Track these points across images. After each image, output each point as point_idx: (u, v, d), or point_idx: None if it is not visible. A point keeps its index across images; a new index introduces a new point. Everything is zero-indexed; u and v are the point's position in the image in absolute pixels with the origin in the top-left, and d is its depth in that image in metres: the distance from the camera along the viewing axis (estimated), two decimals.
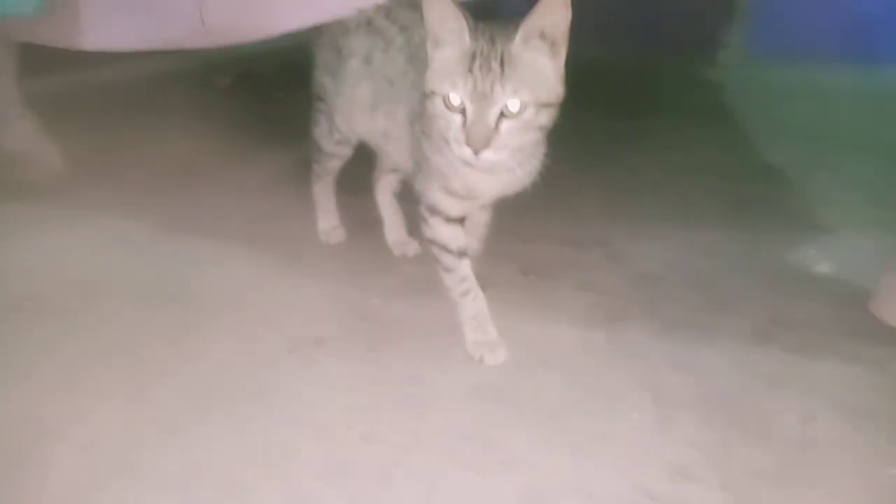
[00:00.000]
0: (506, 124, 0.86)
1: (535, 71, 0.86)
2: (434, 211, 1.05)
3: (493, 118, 0.85)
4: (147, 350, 1.10)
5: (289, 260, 1.38)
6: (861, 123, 2.32)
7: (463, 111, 0.86)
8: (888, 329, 1.22)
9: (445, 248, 1.08)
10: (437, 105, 0.88)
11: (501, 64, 0.84)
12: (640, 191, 1.82)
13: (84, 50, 1.43)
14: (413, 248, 1.41)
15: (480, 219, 1.19)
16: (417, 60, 1.03)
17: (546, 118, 0.88)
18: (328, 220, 1.45)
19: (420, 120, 1.02)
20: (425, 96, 0.91)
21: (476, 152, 0.85)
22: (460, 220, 1.08)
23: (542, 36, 0.85)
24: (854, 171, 1.93)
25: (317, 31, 1.29)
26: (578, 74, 0.95)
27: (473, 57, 0.84)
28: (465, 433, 0.95)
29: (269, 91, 2.53)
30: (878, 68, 2.89)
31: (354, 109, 1.22)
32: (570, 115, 0.95)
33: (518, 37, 0.85)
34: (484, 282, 1.14)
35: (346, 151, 1.35)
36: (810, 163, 2.05)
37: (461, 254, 1.09)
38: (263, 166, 1.88)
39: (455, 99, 0.86)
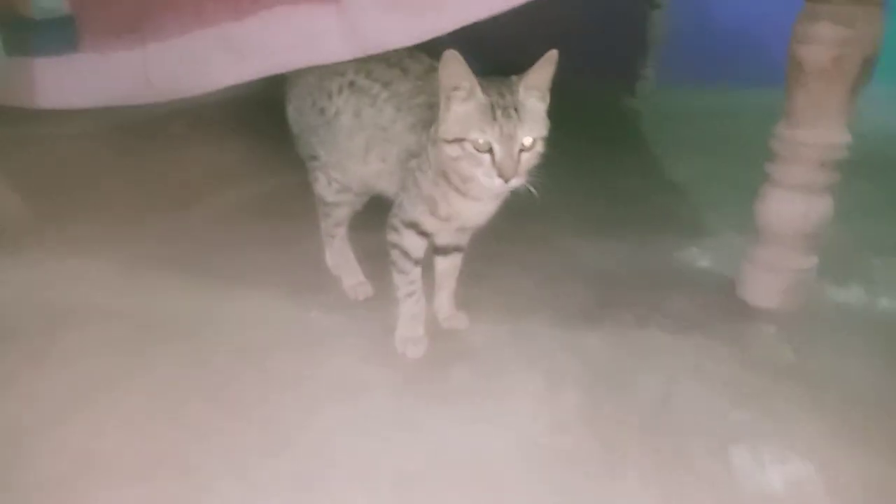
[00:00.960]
0: (525, 156, 1.08)
1: (535, 113, 1.09)
2: (411, 225, 1.24)
3: (516, 153, 1.06)
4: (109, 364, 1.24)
5: (235, 288, 1.53)
6: (756, 138, 2.61)
7: (490, 151, 1.06)
8: (750, 309, 1.45)
9: (407, 255, 1.26)
10: (465, 149, 1.07)
11: (517, 111, 1.06)
12: (558, 203, 2.04)
13: (38, 107, 1.58)
14: (367, 289, 1.52)
15: (456, 262, 1.37)
16: (405, 109, 1.23)
17: (543, 147, 1.12)
18: (353, 277, 1.53)
19: (416, 157, 1.21)
20: (443, 143, 1.09)
21: (507, 181, 1.06)
22: (428, 236, 1.28)
23: (537, 87, 1.09)
24: (743, 181, 2.19)
25: (294, 97, 1.42)
26: None
27: (492, 107, 1.05)
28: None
29: (225, 133, 2.68)
30: (775, 89, 3.25)
31: (350, 159, 1.36)
32: None
33: (521, 89, 1.07)
34: None
35: (348, 198, 1.46)
36: (707, 176, 2.31)
37: (417, 262, 1.28)
38: (219, 201, 2.03)
39: (483, 142, 1.06)
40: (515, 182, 1.07)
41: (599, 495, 0.97)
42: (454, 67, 1.06)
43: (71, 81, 1.59)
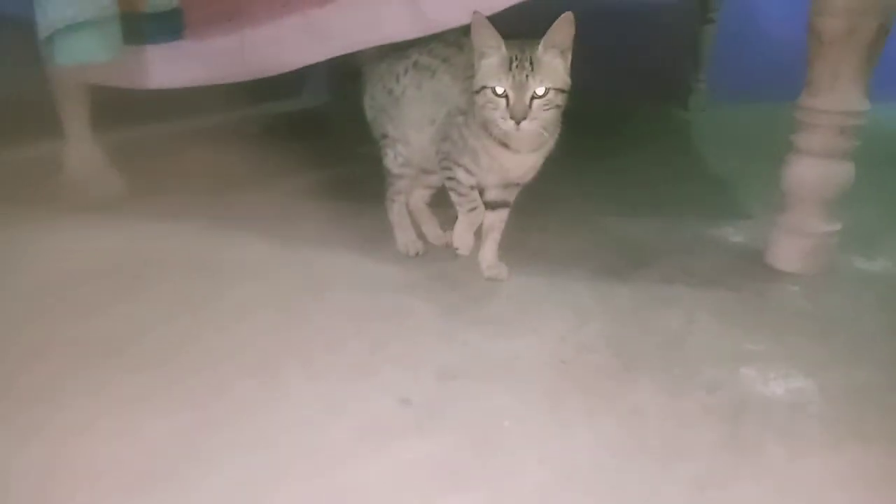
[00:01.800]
0: (536, 102, 1.24)
1: (552, 68, 1.25)
2: (459, 166, 1.43)
3: (528, 99, 1.23)
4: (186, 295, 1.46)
5: (307, 243, 1.73)
6: None
7: (506, 97, 1.23)
8: (774, 272, 1.54)
9: (461, 183, 1.45)
10: (486, 95, 1.25)
11: (531, 64, 1.23)
12: (605, 186, 2.20)
13: (149, 88, 1.86)
14: (449, 237, 1.61)
15: (502, 215, 1.51)
16: (460, 77, 1.40)
17: (560, 100, 1.28)
18: (407, 234, 1.69)
19: (464, 114, 1.38)
20: (475, 93, 1.28)
21: (518, 122, 1.24)
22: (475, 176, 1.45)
23: (555, 45, 1.25)
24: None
25: (369, 87, 1.63)
26: (574, 118, 1.36)
27: (510, 61, 1.23)
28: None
29: (290, 138, 2.98)
30: None
31: (412, 129, 1.54)
32: (569, 151, 1.40)
33: (540, 47, 1.24)
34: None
35: (410, 171, 1.63)
36: (749, 173, 2.39)
37: (473, 187, 1.45)
38: (283, 187, 2.27)
39: (500, 89, 1.24)
40: (527, 125, 1.24)
41: (614, 395, 1.09)
42: (482, 29, 1.25)
43: (177, 65, 1.85)
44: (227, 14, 1.77)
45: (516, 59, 1.24)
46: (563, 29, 1.25)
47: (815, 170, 1.44)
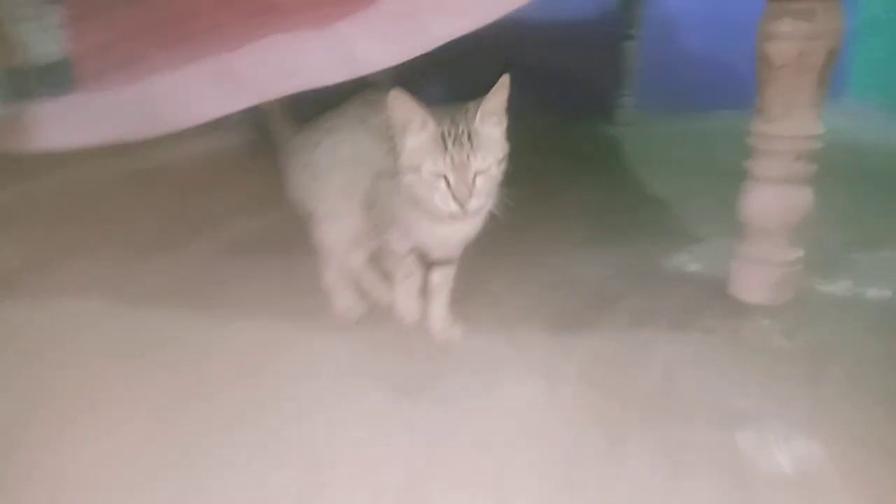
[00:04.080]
0: (479, 180, 1.12)
1: (491, 138, 1.14)
2: (392, 233, 1.31)
3: (470, 178, 1.11)
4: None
5: (233, 312, 1.53)
6: (733, 157, 2.70)
7: (445, 178, 1.11)
8: (742, 305, 1.47)
9: (395, 252, 1.34)
10: (422, 177, 1.13)
11: (469, 139, 1.11)
12: (547, 219, 2.08)
13: (38, 150, 1.62)
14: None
15: (449, 272, 1.38)
16: (381, 138, 1.26)
17: (501, 168, 1.16)
18: (344, 299, 1.52)
19: (387, 180, 1.25)
20: (403, 172, 1.16)
21: (463, 204, 1.11)
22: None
23: (494, 113, 1.14)
24: (724, 195, 2.24)
25: (288, 162, 1.48)
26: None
27: (443, 137, 1.10)
28: None
29: (205, 183, 2.74)
30: (748, 112, 3.41)
31: (339, 200, 1.38)
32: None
33: (476, 118, 1.12)
34: None
35: (345, 245, 1.47)
36: (689, 191, 2.36)
37: (409, 251, 1.34)
38: (205, 243, 2.05)
39: (438, 171, 1.11)
40: (474, 204, 1.13)
41: (603, 479, 0.96)
42: (402, 104, 1.12)
43: (68, 122, 1.62)
44: (123, 62, 1.55)
45: (450, 134, 1.11)
46: (501, 95, 1.14)
47: (775, 198, 1.38)
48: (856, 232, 1.81)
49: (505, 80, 1.12)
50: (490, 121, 1.14)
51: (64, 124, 1.64)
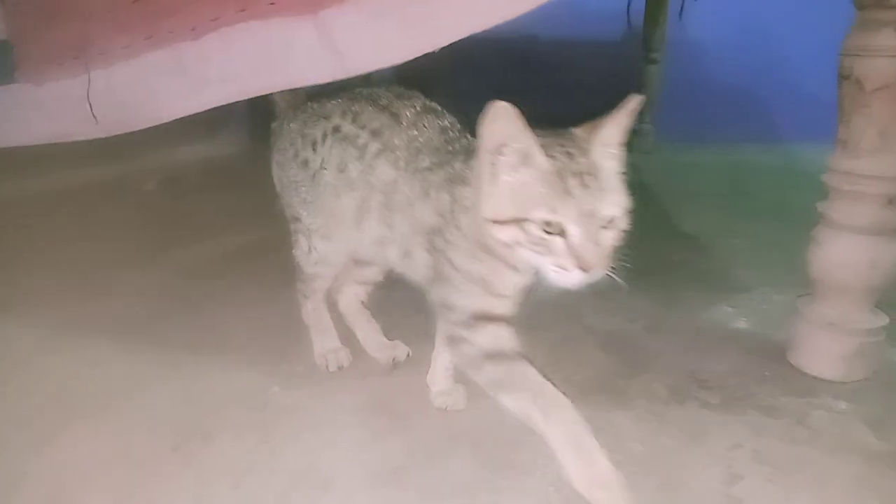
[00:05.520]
0: (608, 236, 0.82)
1: (613, 177, 0.84)
2: (478, 319, 0.92)
3: (598, 235, 0.80)
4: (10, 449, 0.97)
5: (186, 355, 1.28)
6: (765, 193, 2.46)
7: (562, 233, 0.80)
8: (807, 379, 1.20)
9: (499, 355, 0.90)
10: (526, 231, 0.81)
11: (595, 178, 0.80)
12: None
13: None
14: (402, 350, 1.26)
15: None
16: (408, 171, 0.99)
17: (626, 221, 0.84)
18: (326, 342, 1.26)
19: (439, 235, 0.94)
20: (491, 224, 0.83)
21: (588, 271, 0.79)
22: (503, 320, 0.94)
23: (611, 144, 0.84)
24: (763, 235, 1.99)
25: (277, 149, 1.20)
26: None
27: (561, 176, 0.79)
28: None
29: (191, 193, 2.50)
30: (776, 145, 3.18)
31: (338, 224, 1.11)
32: None
33: (595, 147, 0.82)
34: None
35: (327, 272, 1.22)
36: (722, 229, 2.10)
37: (518, 356, 0.90)
38: (164, 265, 1.79)
39: (556, 223, 0.79)
40: (598, 273, 0.80)
41: None
42: (505, 124, 0.79)
43: (11, 117, 1.38)
44: (71, 48, 1.30)
45: (571, 172, 0.80)
46: (625, 120, 0.83)
47: (858, 250, 1.12)
48: None
49: (634, 102, 0.82)
50: (608, 154, 0.83)
51: (7, 119, 1.40)
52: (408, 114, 1.04)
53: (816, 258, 1.17)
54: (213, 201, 2.28)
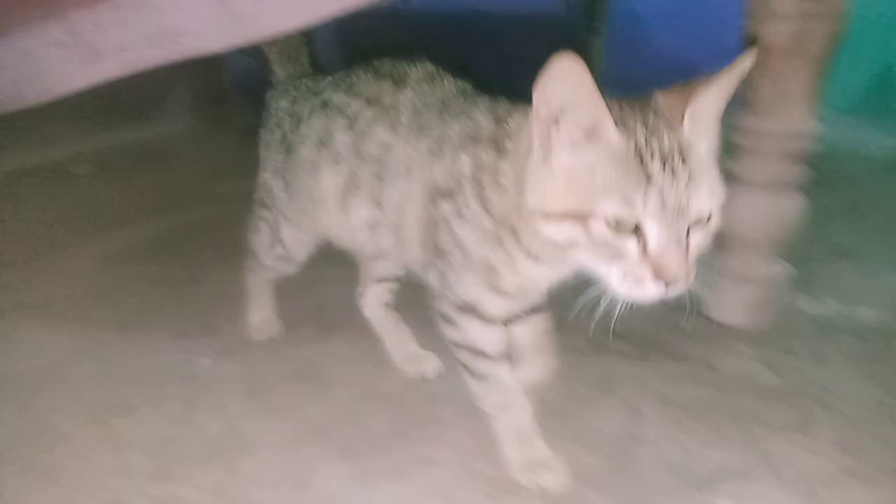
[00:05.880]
0: (696, 238, 0.66)
1: (709, 161, 0.67)
2: (468, 310, 0.83)
3: (685, 237, 0.64)
4: None
5: (115, 333, 1.26)
6: None
7: (636, 232, 0.64)
8: (718, 327, 1.26)
9: (480, 353, 0.85)
10: (588, 229, 0.64)
11: (684, 161, 0.63)
12: None
13: None
14: (433, 364, 1.11)
15: (541, 326, 0.96)
16: (412, 128, 0.86)
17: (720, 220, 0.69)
18: (260, 312, 1.22)
19: (448, 199, 0.80)
20: (541, 217, 0.68)
21: (670, 284, 0.64)
22: (502, 321, 0.86)
23: (708, 116, 0.68)
24: None
25: (265, 131, 1.11)
26: None
27: (641, 157, 0.63)
28: (277, 480, 0.88)
29: (125, 176, 2.44)
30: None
31: (315, 208, 0.99)
32: None
33: (686, 118, 0.66)
34: None
35: (287, 269, 1.14)
36: None
37: (500, 357, 0.86)
38: (95, 249, 1.76)
39: (629, 221, 0.63)
40: (681, 287, 0.65)
41: None
42: (569, 85, 0.62)
43: None
44: None
45: (654, 152, 0.63)
46: (733, 84, 0.67)
47: (760, 204, 1.18)
48: (834, 244, 1.63)
49: (744, 62, 0.66)
50: (704, 129, 0.67)
51: None
52: (414, 76, 0.92)
53: (725, 213, 1.22)
54: (148, 184, 2.22)
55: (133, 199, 2.05)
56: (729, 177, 1.19)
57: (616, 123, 0.63)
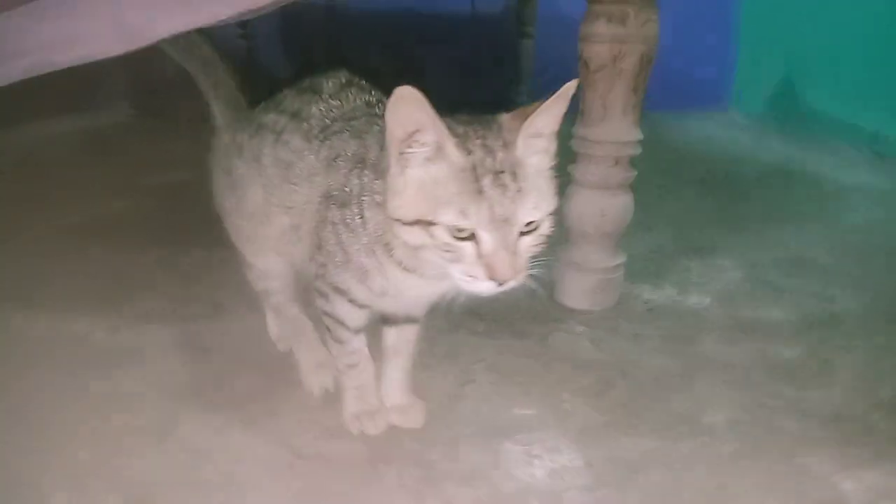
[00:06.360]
0: (525, 243, 0.75)
1: (541, 177, 0.77)
2: (341, 293, 0.94)
3: (514, 241, 0.74)
4: None
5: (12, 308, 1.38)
6: None
7: (472, 238, 0.73)
8: (561, 310, 1.45)
9: (342, 324, 0.97)
10: (432, 235, 0.74)
11: (515, 177, 0.73)
12: None
13: None
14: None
15: (409, 335, 1.06)
16: (318, 139, 0.95)
17: (551, 226, 0.79)
18: (311, 355, 1.18)
19: (339, 207, 0.89)
20: (398, 223, 0.77)
21: (502, 283, 0.74)
22: (369, 309, 0.97)
23: (542, 134, 0.77)
24: None
25: (214, 174, 1.14)
26: None
27: (475, 173, 0.73)
28: (144, 429, 1.03)
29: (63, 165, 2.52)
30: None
31: (256, 224, 1.06)
32: None
33: (520, 140, 0.75)
34: None
35: (274, 285, 1.17)
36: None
37: (358, 330, 0.99)
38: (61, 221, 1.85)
39: (465, 228, 0.73)
40: (514, 283, 0.75)
41: (354, 497, 0.91)
42: (411, 110, 0.72)
43: None
44: None
45: (486, 168, 0.73)
46: (561, 106, 0.76)
47: (593, 203, 1.36)
48: (696, 239, 1.83)
49: (569, 88, 0.76)
50: (536, 147, 0.76)
51: None
52: (329, 85, 1.00)
53: (566, 211, 1.41)
54: (73, 176, 2.28)
55: (60, 190, 2.11)
56: (568, 179, 1.39)
57: (456, 144, 0.74)
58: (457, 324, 1.37)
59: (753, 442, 1.02)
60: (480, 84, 3.58)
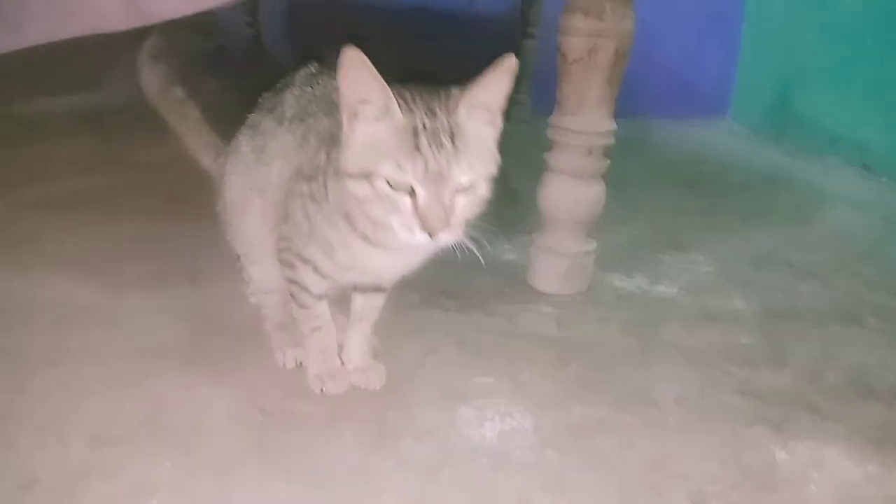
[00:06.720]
0: (461, 201, 0.81)
1: (479, 142, 0.83)
2: (307, 262, 0.99)
3: (448, 198, 0.80)
4: None
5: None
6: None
7: (411, 193, 0.80)
8: (533, 292, 1.49)
9: (306, 290, 1.02)
10: (374, 186, 0.80)
11: (452, 138, 0.79)
12: None
13: None
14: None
15: (375, 303, 1.11)
16: (290, 120, 1.01)
17: (489, 189, 0.86)
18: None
19: (308, 180, 0.95)
20: (346, 177, 0.83)
21: (433, 235, 0.79)
22: (333, 279, 1.02)
23: (484, 107, 0.84)
24: None
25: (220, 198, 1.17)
26: None
27: (416, 132, 0.79)
28: (115, 381, 1.08)
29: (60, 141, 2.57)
30: (636, 119, 3.53)
31: (241, 218, 1.12)
32: None
33: (461, 108, 0.82)
34: None
35: (268, 300, 1.21)
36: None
37: (321, 297, 1.04)
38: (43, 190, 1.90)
39: (402, 181, 0.79)
40: (447, 237, 0.81)
41: (308, 452, 0.95)
42: (357, 72, 0.79)
43: None
44: None
45: (425, 128, 0.80)
46: (501, 81, 0.83)
47: (566, 190, 1.41)
48: (672, 235, 1.87)
49: (511, 62, 0.82)
50: (480, 117, 0.84)
51: None
52: (301, 75, 1.07)
53: (541, 197, 1.45)
54: (71, 149, 2.32)
55: (48, 162, 2.16)
56: (544, 166, 1.44)
57: (401, 105, 0.80)
58: (429, 302, 1.42)
59: (698, 415, 1.07)
60: None
